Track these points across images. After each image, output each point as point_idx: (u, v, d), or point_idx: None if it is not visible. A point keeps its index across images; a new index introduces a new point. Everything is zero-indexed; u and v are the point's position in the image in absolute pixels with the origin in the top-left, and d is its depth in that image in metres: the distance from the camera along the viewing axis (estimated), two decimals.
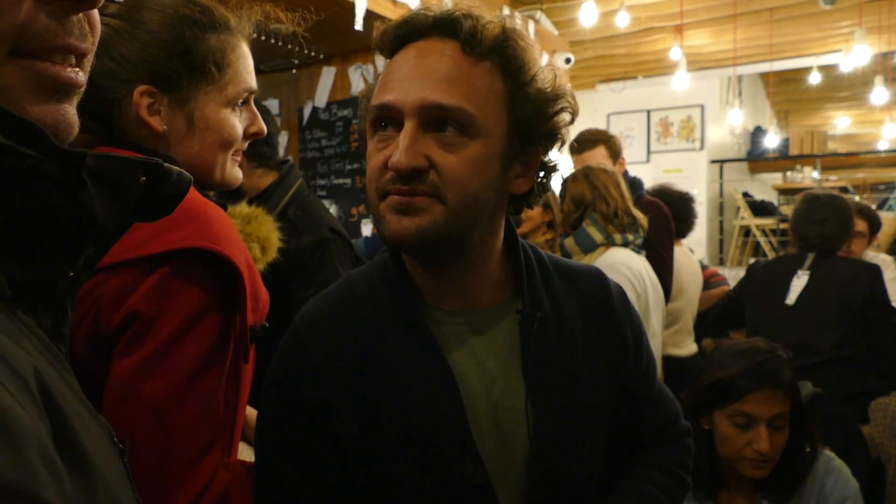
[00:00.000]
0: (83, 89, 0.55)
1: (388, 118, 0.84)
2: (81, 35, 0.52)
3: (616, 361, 0.99)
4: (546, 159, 0.94)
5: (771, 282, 2.85)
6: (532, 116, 0.88)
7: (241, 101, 1.03)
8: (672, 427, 1.10)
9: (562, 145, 0.95)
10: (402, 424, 0.86)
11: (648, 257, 2.47)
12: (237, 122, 1.02)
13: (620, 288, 1.06)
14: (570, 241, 2.36)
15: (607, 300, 1.01)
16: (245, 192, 1.89)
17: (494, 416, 0.89)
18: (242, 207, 1.28)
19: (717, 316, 3.18)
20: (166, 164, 0.56)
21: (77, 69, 0.53)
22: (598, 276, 1.04)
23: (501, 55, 0.86)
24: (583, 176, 2.34)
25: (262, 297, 1.00)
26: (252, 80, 1.04)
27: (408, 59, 0.85)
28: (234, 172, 1.06)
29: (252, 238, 1.22)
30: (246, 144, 1.07)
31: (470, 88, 0.82)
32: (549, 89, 0.89)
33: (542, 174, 0.95)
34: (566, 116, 0.92)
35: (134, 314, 0.85)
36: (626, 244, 2.30)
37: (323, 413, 0.87)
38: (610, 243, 2.30)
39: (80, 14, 0.52)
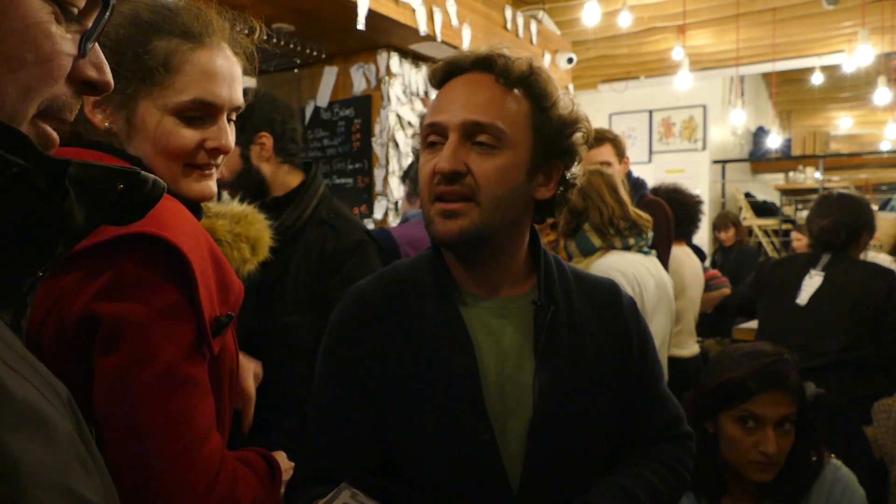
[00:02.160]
0: None
1: (437, 133, 1.04)
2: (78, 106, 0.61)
3: (620, 358, 1.13)
4: (566, 174, 1.11)
5: (782, 280, 2.84)
6: (552, 135, 1.06)
7: (195, 112, 0.99)
8: (673, 429, 1.19)
9: (579, 162, 1.12)
10: (425, 384, 1.03)
11: None
12: (184, 133, 0.98)
13: (632, 299, 1.21)
14: (572, 245, 2.38)
15: (617, 306, 1.17)
16: (270, 189, 1.90)
17: (503, 387, 1.05)
18: (233, 207, 1.26)
19: (736, 309, 3.30)
20: (143, 173, 0.59)
21: None
22: (611, 286, 1.20)
23: (528, 85, 1.05)
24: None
25: (233, 289, 1.00)
26: (209, 94, 0.99)
27: (453, 89, 1.06)
28: (195, 187, 1.02)
29: (241, 238, 1.20)
30: (213, 160, 1.03)
31: (502, 109, 1.03)
32: (567, 114, 1.08)
33: (562, 188, 1.12)
34: (580, 137, 1.10)
35: (96, 311, 0.85)
36: (626, 248, 2.30)
37: (360, 368, 1.06)
38: (609, 247, 2.31)
39: None
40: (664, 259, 2.74)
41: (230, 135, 1.04)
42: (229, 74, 1.02)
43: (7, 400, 0.39)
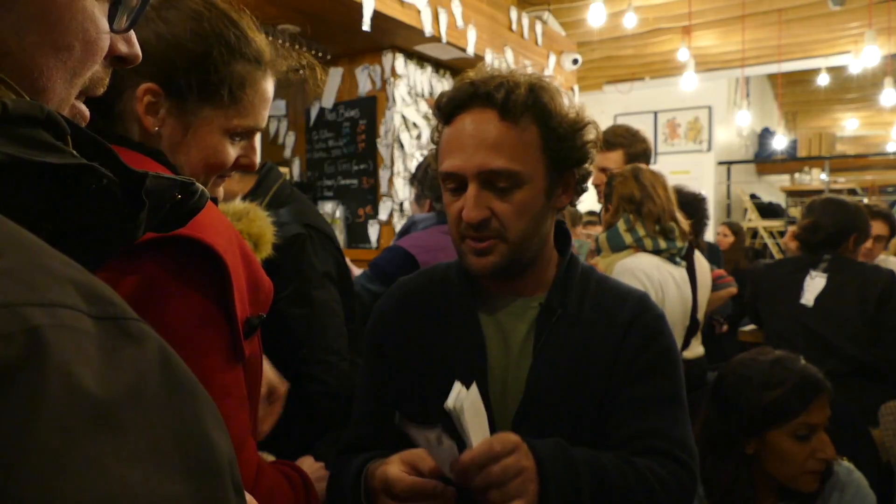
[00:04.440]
0: None
1: (456, 182, 1.10)
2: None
3: (613, 362, 1.13)
4: (582, 172, 1.16)
5: (779, 282, 2.86)
6: (563, 151, 1.10)
7: (243, 133, 1.01)
8: (664, 446, 1.09)
9: (592, 161, 1.16)
10: (439, 370, 1.14)
11: None
12: (230, 151, 1.00)
13: (660, 312, 1.20)
14: (603, 238, 2.38)
15: (635, 317, 1.16)
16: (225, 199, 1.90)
17: (505, 380, 1.14)
18: (235, 204, 1.27)
19: (754, 320, 3.29)
20: (197, 184, 0.59)
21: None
22: (638, 298, 1.20)
23: (532, 110, 1.08)
24: (631, 176, 2.32)
25: (263, 287, 0.98)
26: (262, 121, 1.02)
27: (462, 129, 1.09)
28: (214, 192, 1.06)
29: (243, 235, 1.20)
30: (233, 172, 1.06)
31: (512, 149, 1.07)
32: (574, 122, 1.11)
33: (580, 182, 1.17)
34: (591, 139, 1.13)
35: None
36: (657, 251, 2.29)
37: (386, 342, 1.22)
38: (640, 247, 2.29)
39: None
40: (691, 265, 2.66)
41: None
42: (271, 97, 1.05)
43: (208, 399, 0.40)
